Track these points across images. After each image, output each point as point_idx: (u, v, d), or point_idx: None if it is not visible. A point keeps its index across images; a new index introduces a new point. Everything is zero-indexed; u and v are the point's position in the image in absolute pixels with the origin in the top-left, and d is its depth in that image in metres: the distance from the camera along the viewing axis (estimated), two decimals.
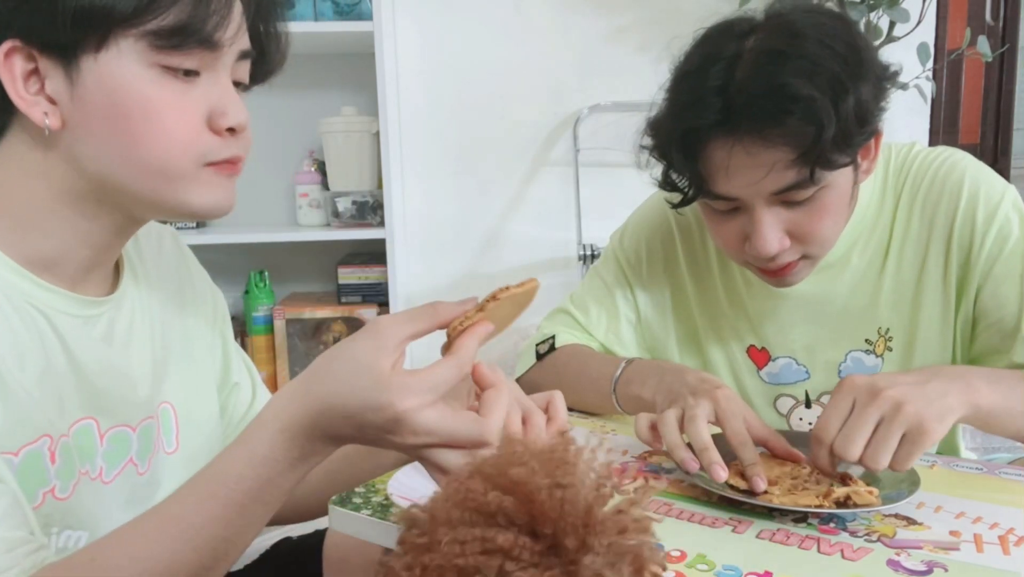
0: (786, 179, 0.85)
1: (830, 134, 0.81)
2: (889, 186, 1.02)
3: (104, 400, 0.73)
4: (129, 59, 0.64)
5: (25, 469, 0.65)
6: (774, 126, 0.82)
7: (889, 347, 1.02)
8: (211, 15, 0.65)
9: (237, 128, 0.69)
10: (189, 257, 0.91)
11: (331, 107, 2.30)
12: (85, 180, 0.67)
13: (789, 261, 0.92)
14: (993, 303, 0.96)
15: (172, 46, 0.64)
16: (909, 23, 2.06)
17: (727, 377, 1.09)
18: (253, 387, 0.95)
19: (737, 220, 0.91)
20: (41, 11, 0.62)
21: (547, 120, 2.49)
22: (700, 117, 0.85)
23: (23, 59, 0.64)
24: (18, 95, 0.64)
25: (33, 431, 0.66)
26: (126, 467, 0.75)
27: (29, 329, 0.67)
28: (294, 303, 2.28)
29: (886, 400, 0.74)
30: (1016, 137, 3.19)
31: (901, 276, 1.01)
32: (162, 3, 0.63)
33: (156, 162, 0.66)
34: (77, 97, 0.64)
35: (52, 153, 0.67)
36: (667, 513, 0.76)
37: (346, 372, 0.57)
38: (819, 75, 0.81)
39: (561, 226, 2.50)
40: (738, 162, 0.85)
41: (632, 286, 1.13)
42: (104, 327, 0.75)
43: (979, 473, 0.87)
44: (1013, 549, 0.69)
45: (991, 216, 0.95)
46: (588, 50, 2.44)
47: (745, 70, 0.84)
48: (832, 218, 0.91)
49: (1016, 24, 2.99)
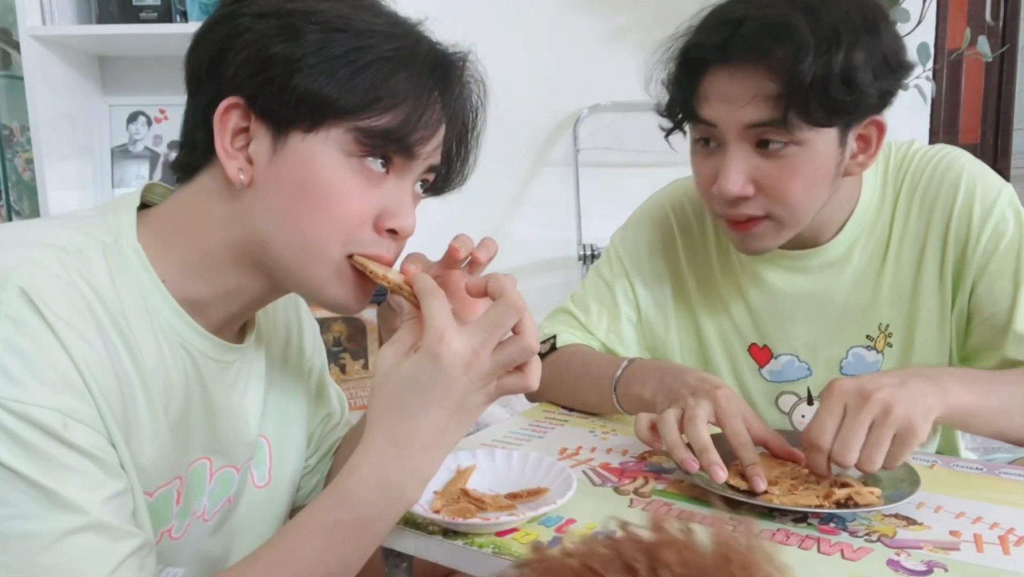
0: (762, 112, 0.87)
1: (809, 73, 0.83)
2: (889, 183, 1.02)
3: (222, 442, 0.76)
4: (333, 145, 0.67)
5: (155, 510, 0.68)
6: (762, 55, 0.85)
7: (889, 343, 1.03)
8: (419, 128, 0.68)
9: (400, 232, 0.72)
10: (298, 297, 0.92)
11: None
12: (250, 239, 0.70)
13: (752, 216, 0.93)
14: (987, 299, 0.97)
15: (376, 146, 0.68)
16: (909, 23, 2.06)
17: (728, 376, 1.10)
18: (342, 414, 0.98)
19: (713, 159, 0.93)
20: (274, 83, 0.65)
21: (547, 120, 2.49)
22: (705, 39, 0.89)
23: (239, 116, 0.67)
24: (223, 146, 0.67)
25: (170, 472, 0.69)
26: (224, 505, 0.78)
27: (179, 370, 0.70)
28: None
29: (876, 403, 0.75)
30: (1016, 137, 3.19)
31: (900, 272, 1.01)
32: (381, 107, 0.67)
33: (315, 239, 0.69)
34: (274, 164, 0.68)
35: (233, 207, 0.69)
36: (667, 513, 0.76)
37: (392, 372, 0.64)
38: (819, 22, 0.84)
39: (561, 226, 2.50)
40: (723, 87, 0.88)
41: (633, 285, 1.13)
42: (234, 373, 0.78)
43: (979, 473, 0.87)
44: (1013, 549, 0.69)
45: (987, 213, 0.96)
46: (588, 50, 2.44)
47: (762, 8, 0.87)
48: (803, 184, 0.91)
49: (1016, 24, 2.99)
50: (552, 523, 0.74)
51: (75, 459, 0.58)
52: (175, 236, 0.70)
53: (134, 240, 0.69)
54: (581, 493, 0.78)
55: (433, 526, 0.73)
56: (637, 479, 0.85)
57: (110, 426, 0.61)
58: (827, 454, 0.76)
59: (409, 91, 0.67)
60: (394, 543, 0.75)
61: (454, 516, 0.72)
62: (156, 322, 0.68)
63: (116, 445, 0.62)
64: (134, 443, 0.64)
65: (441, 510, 0.74)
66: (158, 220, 0.71)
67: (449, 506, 0.75)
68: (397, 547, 0.76)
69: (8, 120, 2.38)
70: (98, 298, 0.63)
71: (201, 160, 0.70)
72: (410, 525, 0.74)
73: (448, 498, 0.76)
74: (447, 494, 0.77)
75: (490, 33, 2.59)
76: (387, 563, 0.79)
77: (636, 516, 0.75)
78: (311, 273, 0.70)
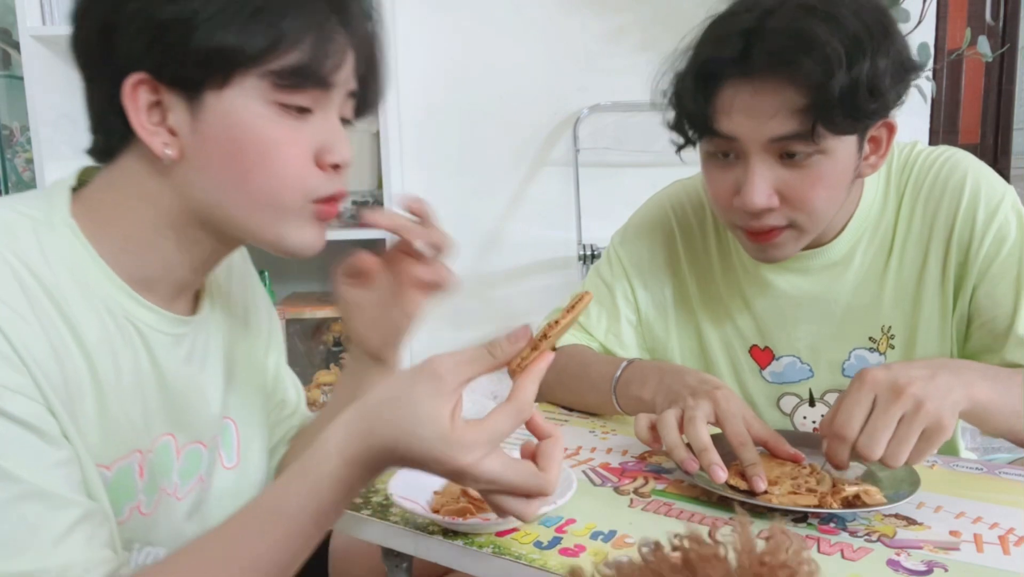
0: (789, 126, 0.86)
1: (838, 85, 0.82)
2: (892, 185, 1.02)
3: (183, 417, 0.75)
4: (250, 96, 0.66)
5: (117, 484, 0.67)
6: (787, 67, 0.84)
7: (891, 344, 1.03)
8: (329, 57, 0.68)
9: (342, 164, 0.72)
10: (253, 275, 0.93)
11: None
12: (193, 208, 0.69)
13: (774, 226, 0.92)
14: (988, 302, 0.97)
15: (291, 85, 0.67)
16: (909, 23, 2.06)
17: (729, 377, 1.10)
18: (298, 404, 0.97)
19: (732, 171, 0.92)
20: (173, 49, 0.64)
21: (547, 120, 2.50)
22: (721, 52, 0.87)
23: (148, 91, 0.66)
24: (140, 124, 0.66)
25: (126, 446, 0.68)
26: (196, 484, 0.77)
27: (126, 344, 0.69)
28: (294, 303, 2.28)
29: (909, 398, 0.74)
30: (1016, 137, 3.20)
31: (903, 274, 1.01)
32: (286, 45, 0.65)
33: (266, 196, 0.68)
34: (197, 130, 0.67)
35: (165, 180, 0.69)
36: (667, 513, 0.77)
37: (409, 420, 0.59)
38: (842, 31, 0.83)
39: (561, 226, 2.50)
40: (746, 101, 0.86)
41: (633, 286, 1.13)
42: (188, 346, 0.77)
43: (979, 473, 0.87)
44: (1013, 549, 0.69)
45: (991, 217, 0.96)
46: (588, 50, 2.44)
47: (777, 19, 0.86)
48: (826, 191, 0.91)
49: (1016, 24, 3.00)
50: (552, 523, 0.74)
51: (10, 429, 0.58)
52: (110, 214, 0.70)
53: (67, 216, 0.68)
54: (581, 493, 0.78)
55: (433, 526, 0.73)
56: (637, 479, 0.85)
57: (48, 396, 0.61)
58: (851, 445, 0.75)
59: (309, 23, 0.66)
60: (394, 543, 0.75)
61: (454, 516, 0.72)
62: (97, 296, 0.68)
63: (56, 415, 0.62)
64: (80, 417, 0.64)
65: (441, 510, 0.74)
66: (90, 199, 0.70)
67: (449, 506, 0.75)
68: (397, 547, 0.76)
69: (8, 120, 2.38)
70: (29, 272, 0.63)
71: (120, 143, 0.69)
72: (410, 525, 0.74)
73: (448, 498, 0.76)
74: (447, 494, 0.77)
75: (490, 33, 2.61)
76: (387, 563, 0.79)
77: (636, 516, 0.76)
78: (269, 227, 0.70)
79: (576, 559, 0.67)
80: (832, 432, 0.77)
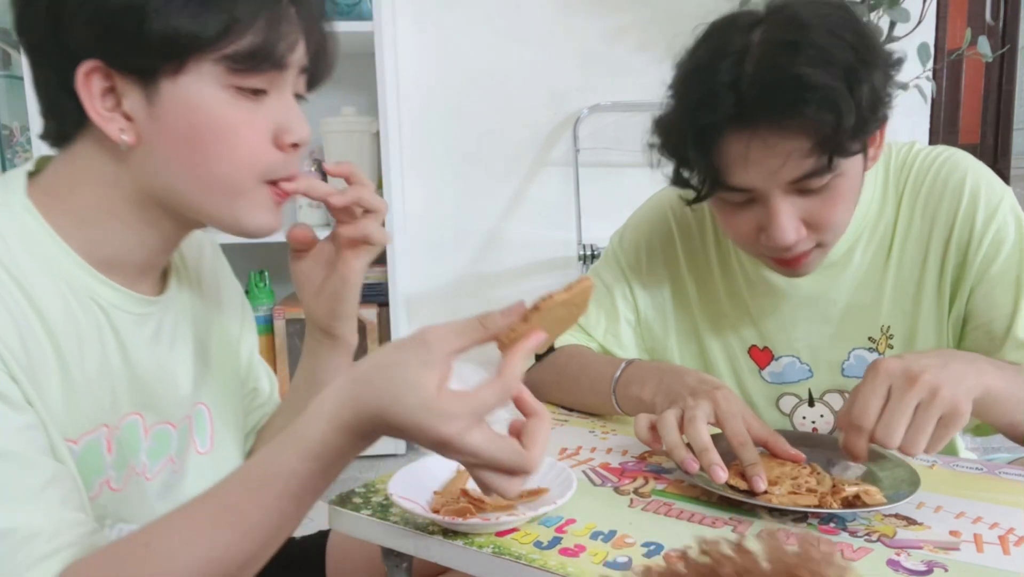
0: (804, 167, 0.85)
1: (850, 122, 0.82)
2: (891, 185, 1.02)
3: (151, 397, 0.76)
4: (206, 82, 0.66)
5: (85, 458, 0.67)
6: (792, 116, 0.82)
7: (890, 345, 1.03)
8: (282, 38, 0.68)
9: (300, 143, 0.72)
10: (225, 265, 0.94)
11: (331, 107, 2.30)
12: (150, 191, 0.70)
13: (805, 250, 0.92)
14: (985, 304, 0.97)
15: (247, 69, 0.67)
16: (909, 23, 2.06)
17: (728, 377, 1.09)
18: (271, 394, 0.97)
19: (752, 212, 0.91)
20: (126, 37, 0.64)
21: (547, 120, 2.50)
22: (714, 112, 0.84)
23: (101, 78, 0.66)
24: (95, 111, 0.66)
25: (92, 420, 0.69)
26: (166, 465, 0.78)
27: (90, 322, 0.70)
28: (294, 303, 2.28)
29: (924, 386, 0.74)
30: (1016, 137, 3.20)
31: (902, 274, 1.01)
32: (240, 29, 0.66)
33: (222, 179, 0.69)
34: (154, 116, 0.67)
35: (123, 165, 0.69)
36: (667, 513, 0.77)
37: (395, 387, 0.58)
38: (833, 64, 0.82)
39: (561, 226, 2.51)
40: (756, 154, 0.85)
41: (632, 287, 1.13)
42: (154, 326, 0.77)
43: (979, 473, 0.87)
44: (1013, 549, 0.69)
45: (989, 219, 0.96)
46: (588, 50, 2.45)
47: (755, 63, 0.84)
48: (845, 204, 0.91)
49: (1016, 24, 3.00)
50: (552, 523, 0.74)
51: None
52: (67, 196, 0.70)
53: (24, 198, 0.69)
54: (581, 493, 0.78)
55: (433, 526, 0.73)
56: (637, 479, 0.85)
57: (11, 366, 0.61)
58: (868, 435, 0.76)
59: (261, 5, 0.66)
60: (394, 543, 0.75)
61: (454, 516, 0.72)
62: (58, 275, 0.68)
63: (20, 384, 0.62)
64: (46, 390, 0.64)
65: (441, 510, 0.74)
66: (47, 183, 0.71)
67: (449, 506, 0.75)
68: (397, 547, 0.76)
69: (8, 120, 2.38)
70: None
71: (74, 128, 0.69)
72: (410, 525, 0.74)
73: (448, 498, 0.76)
74: (447, 494, 0.77)
75: (490, 33, 2.61)
76: (387, 563, 0.79)
77: (636, 516, 0.76)
78: (226, 210, 0.71)
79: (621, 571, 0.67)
80: (849, 423, 0.77)
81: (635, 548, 0.69)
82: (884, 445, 0.75)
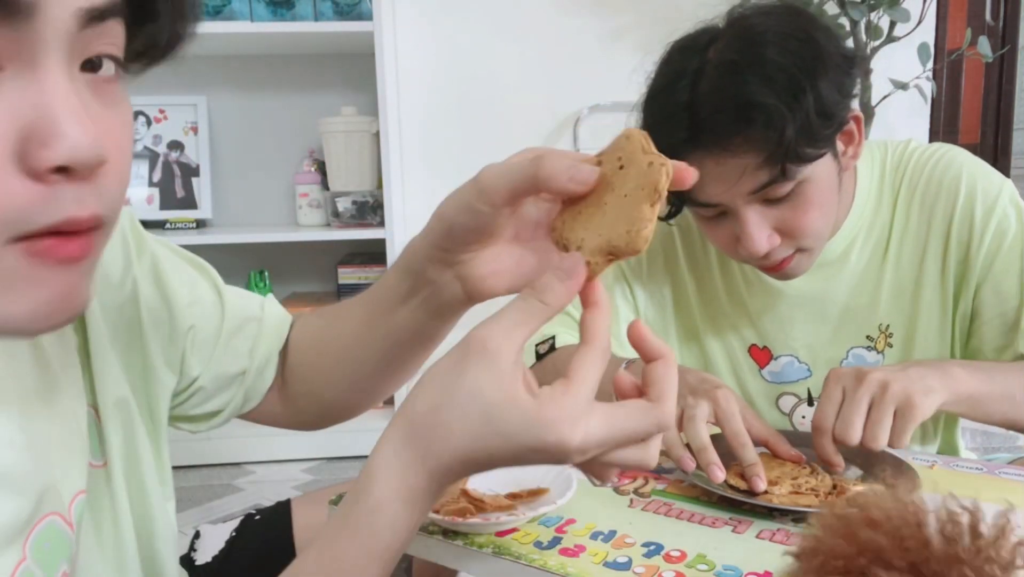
0: (760, 179, 0.87)
1: (791, 134, 0.84)
2: (887, 183, 1.02)
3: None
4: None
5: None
6: (735, 135, 0.85)
7: (890, 343, 1.03)
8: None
9: (72, 164, 0.39)
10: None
11: (331, 107, 2.30)
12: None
13: (784, 257, 0.94)
14: (994, 299, 0.97)
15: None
16: (909, 23, 2.06)
17: (728, 376, 1.10)
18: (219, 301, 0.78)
19: (726, 224, 0.93)
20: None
21: (547, 120, 2.50)
22: (671, 135, 0.87)
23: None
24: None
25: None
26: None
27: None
28: (294, 303, 2.28)
29: (872, 382, 0.78)
30: (1016, 137, 3.20)
31: (900, 272, 1.01)
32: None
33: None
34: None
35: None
36: (667, 513, 0.77)
37: (476, 422, 0.47)
38: (775, 80, 0.84)
39: None
40: (710, 172, 0.87)
41: (632, 286, 1.13)
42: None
43: (979, 473, 0.87)
44: None
45: (989, 211, 0.96)
46: (588, 50, 2.44)
47: (707, 84, 0.87)
48: (818, 210, 0.92)
49: (1016, 24, 3.00)
50: (552, 523, 0.74)
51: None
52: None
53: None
54: (581, 493, 0.78)
55: (433, 526, 0.73)
56: (637, 479, 0.85)
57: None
58: (830, 436, 0.78)
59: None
60: None
61: (454, 516, 0.72)
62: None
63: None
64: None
65: (440, 510, 0.74)
66: None
67: (448, 506, 0.75)
68: None
69: None
70: None
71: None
72: None
73: (448, 498, 0.76)
74: (447, 494, 0.77)
75: (490, 33, 2.61)
76: None
77: (636, 516, 0.76)
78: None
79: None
80: (813, 429, 0.80)
81: (635, 548, 0.69)
82: (845, 442, 0.77)
